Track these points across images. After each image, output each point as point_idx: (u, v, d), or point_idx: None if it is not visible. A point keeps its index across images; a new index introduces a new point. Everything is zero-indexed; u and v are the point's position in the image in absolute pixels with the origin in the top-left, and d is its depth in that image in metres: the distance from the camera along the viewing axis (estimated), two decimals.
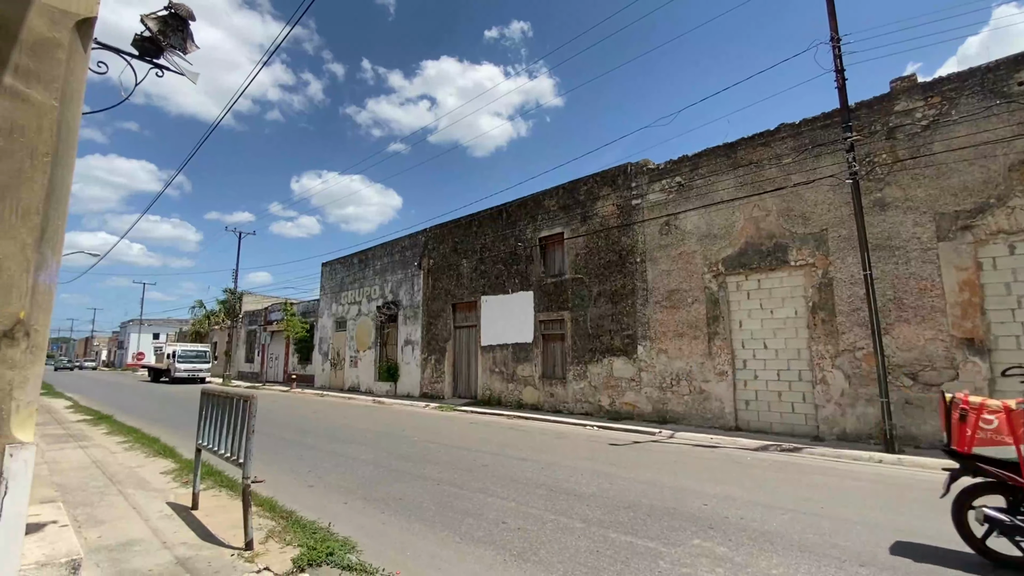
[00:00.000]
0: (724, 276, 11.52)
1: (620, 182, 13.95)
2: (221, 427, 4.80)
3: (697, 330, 11.79)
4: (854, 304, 9.65)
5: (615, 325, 13.47)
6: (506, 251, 17.05)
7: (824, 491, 6.09)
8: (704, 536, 4.49)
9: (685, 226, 12.33)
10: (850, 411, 9.53)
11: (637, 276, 13.13)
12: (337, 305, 25.88)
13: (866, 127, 9.84)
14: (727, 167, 11.74)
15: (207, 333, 43.40)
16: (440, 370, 18.87)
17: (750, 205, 11.23)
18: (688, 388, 11.78)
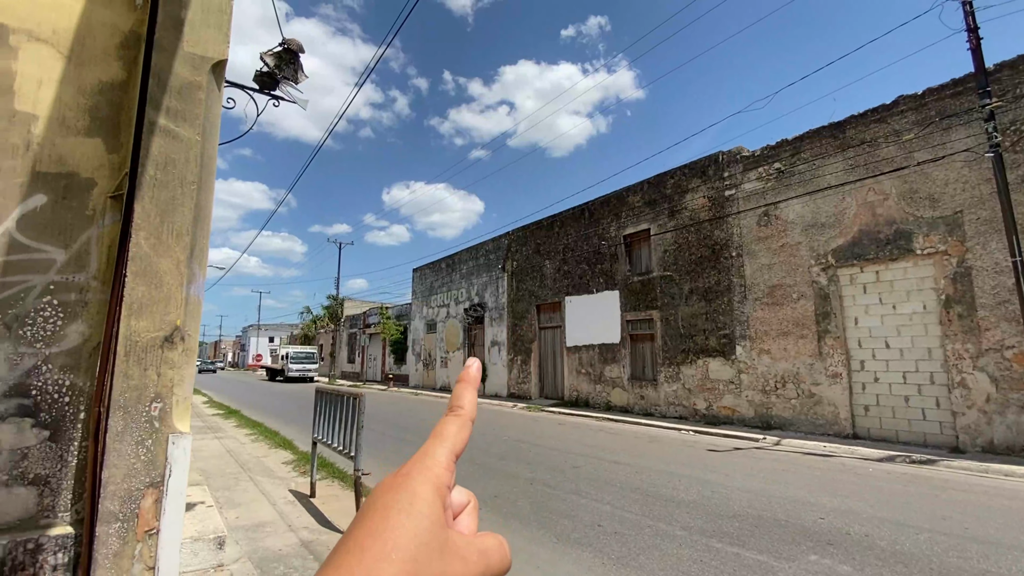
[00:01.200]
0: (835, 269, 10.50)
1: (711, 172, 13.23)
2: (334, 422, 5.22)
3: (804, 328, 10.86)
4: (1000, 296, 8.36)
5: (710, 324, 12.79)
6: (589, 250, 16.85)
7: (968, 510, 5.33)
8: (822, 552, 4.12)
9: (787, 216, 11.41)
10: (998, 419, 8.27)
11: (733, 271, 12.37)
12: (427, 308, 27.08)
13: (1009, 91, 8.50)
14: (834, 149, 10.70)
15: (314, 336, 47.41)
16: (526, 371, 19.06)
17: (864, 189, 10.14)
18: (795, 391, 10.88)
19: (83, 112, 2.82)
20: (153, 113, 2.84)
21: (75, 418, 2.65)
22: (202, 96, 3.09)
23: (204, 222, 3.16)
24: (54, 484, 2.58)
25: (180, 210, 2.90)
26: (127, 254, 2.68)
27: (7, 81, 2.64)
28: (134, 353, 2.65)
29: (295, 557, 3.95)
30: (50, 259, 2.66)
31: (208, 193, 3.20)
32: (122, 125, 2.92)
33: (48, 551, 2.47)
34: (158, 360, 2.74)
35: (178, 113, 3.00)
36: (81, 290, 2.73)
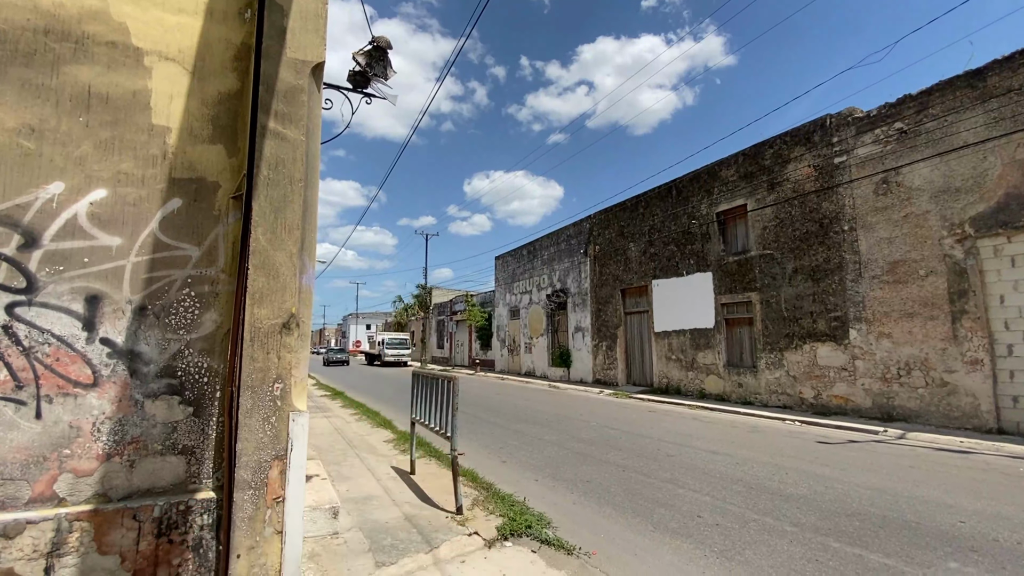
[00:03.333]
0: (974, 240, 9.11)
1: (817, 139, 11.99)
2: (430, 404, 5.45)
3: (935, 308, 9.57)
4: None
5: (817, 306, 11.69)
6: (678, 231, 16.05)
7: None
8: (964, 560, 3.64)
9: (912, 182, 10.06)
10: None
11: (845, 247, 11.18)
12: (510, 295, 27.45)
13: None
14: (972, 101, 9.22)
15: (406, 323, 50.05)
16: (612, 356, 18.72)
17: (1012, 145, 8.65)
18: (924, 380, 9.66)
19: (207, 122, 3.12)
20: (264, 117, 3.06)
21: (213, 396, 2.99)
22: (304, 98, 3.29)
23: (311, 217, 3.39)
24: (198, 454, 2.92)
25: (291, 206, 3.12)
26: (248, 248, 2.94)
27: (144, 99, 2.98)
28: (258, 338, 2.92)
29: (400, 530, 4.20)
30: (187, 255, 2.99)
31: (314, 190, 3.42)
32: (239, 131, 3.19)
33: (196, 512, 2.82)
34: (278, 344, 2.99)
35: (285, 116, 3.21)
36: (212, 282, 3.04)
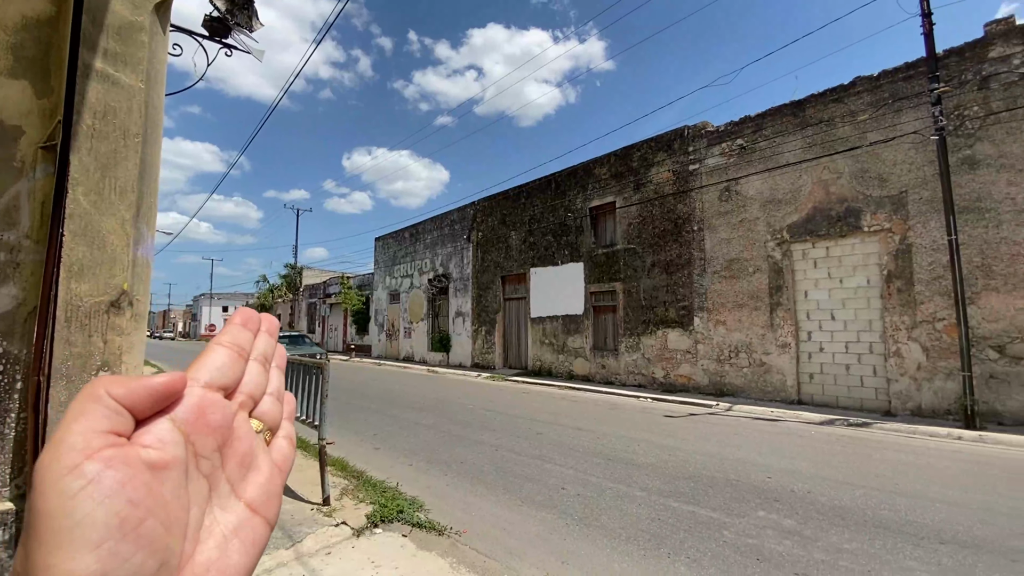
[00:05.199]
0: (789, 244, 10.93)
1: (676, 147, 13.37)
2: (297, 392, 5.10)
3: (758, 301, 11.33)
4: (935, 272, 8.94)
5: (670, 296, 13.14)
6: (555, 222, 16.87)
7: (898, 468, 5.80)
8: (769, 508, 4.40)
9: (747, 192, 11.72)
10: (927, 385, 8.96)
11: (694, 245, 12.69)
12: (390, 278, 26.64)
13: (955, 77, 8.89)
14: (794, 127, 10.98)
15: (271, 306, 45.99)
16: (491, 341, 19.18)
17: (819, 167, 10.50)
18: (748, 360, 11.42)
19: (5, 50, 2.53)
20: (88, 55, 2.57)
21: (10, 388, 2.47)
22: (145, 39, 2.82)
23: (151, 179, 2.94)
24: None
25: (124, 164, 2.67)
26: (63, 211, 2.47)
27: None
28: (76, 319, 2.47)
29: None
30: None
31: (155, 147, 2.96)
32: (52, 67, 2.64)
33: None
34: (104, 326, 2.56)
35: (118, 56, 2.73)
36: (12, 250, 2.50)
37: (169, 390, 0.29)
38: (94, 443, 0.25)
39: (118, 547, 0.24)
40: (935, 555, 3.51)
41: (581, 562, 3.47)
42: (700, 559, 3.48)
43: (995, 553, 3.54)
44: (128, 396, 0.27)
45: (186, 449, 0.29)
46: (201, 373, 0.32)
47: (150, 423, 0.28)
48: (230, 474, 0.32)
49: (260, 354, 0.36)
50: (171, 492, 0.27)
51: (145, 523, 0.25)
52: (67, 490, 0.24)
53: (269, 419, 0.36)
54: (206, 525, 0.30)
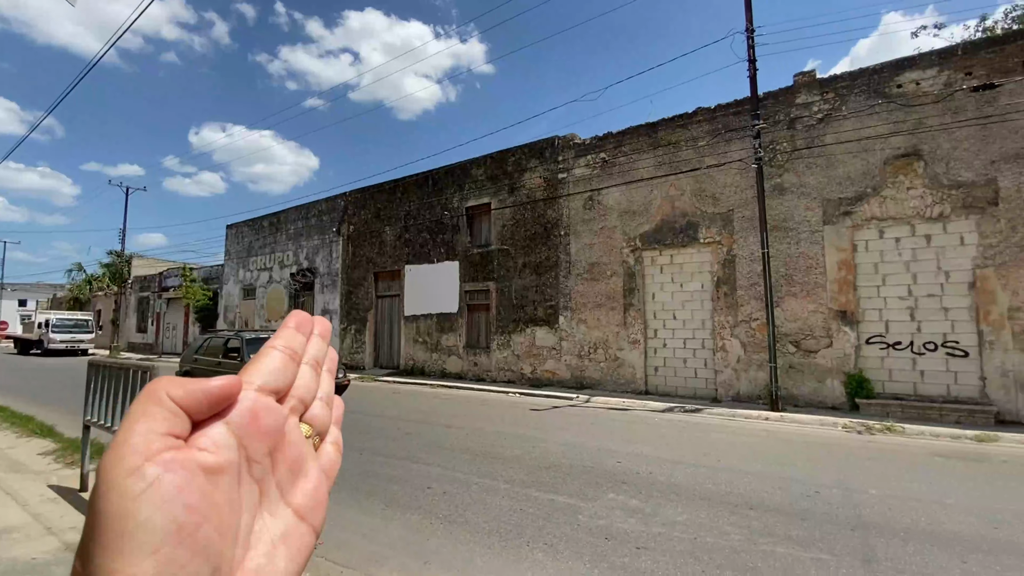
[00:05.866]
0: (641, 251, 12.15)
1: (547, 155, 14.07)
2: (115, 401, 4.36)
3: (614, 301, 12.41)
4: (752, 279, 10.61)
5: (539, 296, 13.79)
6: (432, 219, 16.71)
7: (721, 447, 6.77)
8: (618, 491, 4.84)
9: (607, 202, 12.76)
10: (744, 375, 10.60)
11: (561, 249, 13.47)
12: (245, 271, 24.09)
13: (771, 116, 10.65)
14: (648, 146, 12.23)
15: (88, 300, 38.71)
16: (361, 340, 18.36)
17: (667, 184, 11.84)
18: (604, 356, 12.44)
19: None
20: None
21: None
22: None
23: None
24: None
25: None
26: None
27: None
28: None
29: (57, 564, 3.25)
30: None
31: None
32: None
33: None
34: None
35: None
36: None
37: (225, 393, 0.28)
38: (154, 445, 0.25)
39: (175, 553, 0.24)
40: (746, 519, 4.16)
41: (444, 560, 3.49)
42: (556, 544, 3.71)
43: (790, 515, 4.31)
44: (186, 398, 0.27)
45: (239, 453, 0.29)
46: (255, 377, 0.31)
47: (206, 426, 0.28)
48: (280, 479, 0.31)
49: (312, 358, 0.36)
50: (224, 497, 0.27)
51: (201, 529, 0.25)
52: (129, 492, 0.24)
53: (319, 424, 0.36)
54: (256, 531, 0.29)
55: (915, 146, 9.21)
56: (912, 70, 9.35)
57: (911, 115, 9.26)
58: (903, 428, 7.77)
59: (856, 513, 4.27)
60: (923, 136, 9.14)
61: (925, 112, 9.15)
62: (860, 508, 4.39)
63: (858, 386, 9.28)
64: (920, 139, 9.17)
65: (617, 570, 3.33)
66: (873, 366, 9.37)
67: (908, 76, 9.36)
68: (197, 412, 0.28)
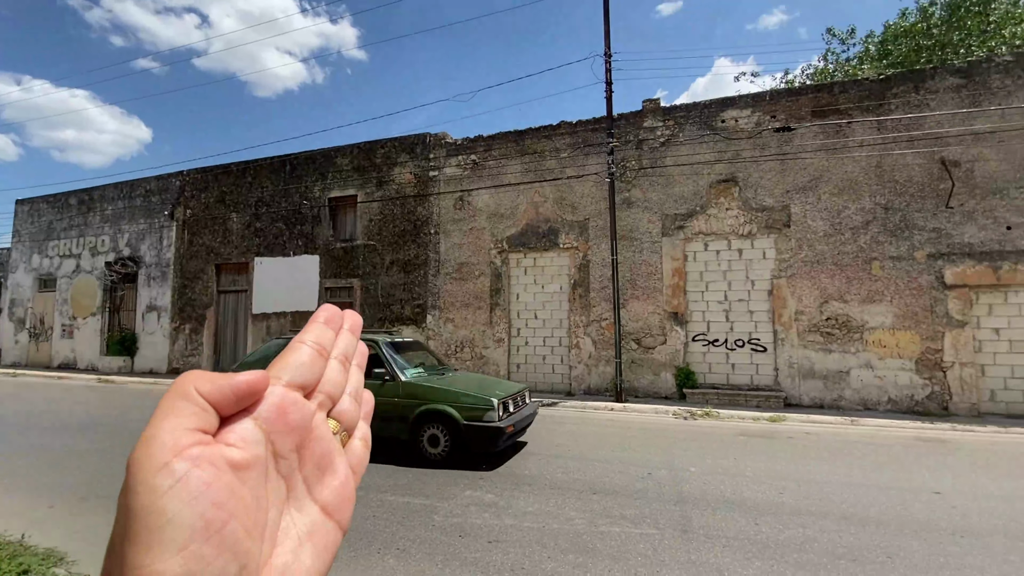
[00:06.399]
0: (507, 253, 12.55)
1: (419, 151, 13.83)
2: None
3: (481, 301, 12.64)
4: (603, 283, 11.60)
5: (406, 294, 13.49)
6: (289, 208, 15.36)
7: (573, 437, 7.27)
8: (475, 488, 4.93)
9: (477, 203, 12.96)
10: (594, 370, 11.54)
11: (430, 247, 13.34)
12: (42, 257, 19.74)
13: (623, 135, 11.75)
14: (516, 153, 12.69)
15: None
16: (197, 341, 16.17)
17: (532, 191, 12.40)
18: (470, 354, 12.61)
19: None
20: None
21: None
22: None
23: None
24: None
25: None
26: None
27: None
28: None
29: None
30: None
31: None
32: None
33: None
34: None
35: None
36: None
37: (253, 388, 0.28)
38: (183, 440, 0.25)
39: (202, 550, 0.24)
40: (589, 504, 4.51)
41: None
42: (408, 548, 3.64)
43: (627, 496, 4.77)
44: (214, 393, 0.27)
45: (266, 449, 0.28)
46: (283, 372, 0.31)
47: (233, 421, 0.28)
48: (307, 475, 0.31)
49: (341, 353, 0.35)
50: (252, 493, 0.27)
51: (228, 526, 0.25)
52: (158, 488, 0.24)
53: (346, 419, 0.35)
54: (283, 527, 0.29)
55: (733, 173, 10.88)
56: (733, 108, 11.03)
57: (731, 147, 10.92)
58: (719, 413, 9.12)
59: (679, 489, 4.89)
60: (739, 165, 10.84)
61: (741, 145, 10.85)
62: (682, 485, 5.04)
63: (685, 378, 10.67)
64: (736, 168, 10.86)
65: (468, 566, 3.38)
66: (697, 360, 10.85)
67: (729, 113, 11.02)
68: (224, 407, 0.27)
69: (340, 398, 0.35)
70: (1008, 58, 9.57)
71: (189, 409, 0.27)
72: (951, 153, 9.44)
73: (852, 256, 9.91)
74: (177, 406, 0.27)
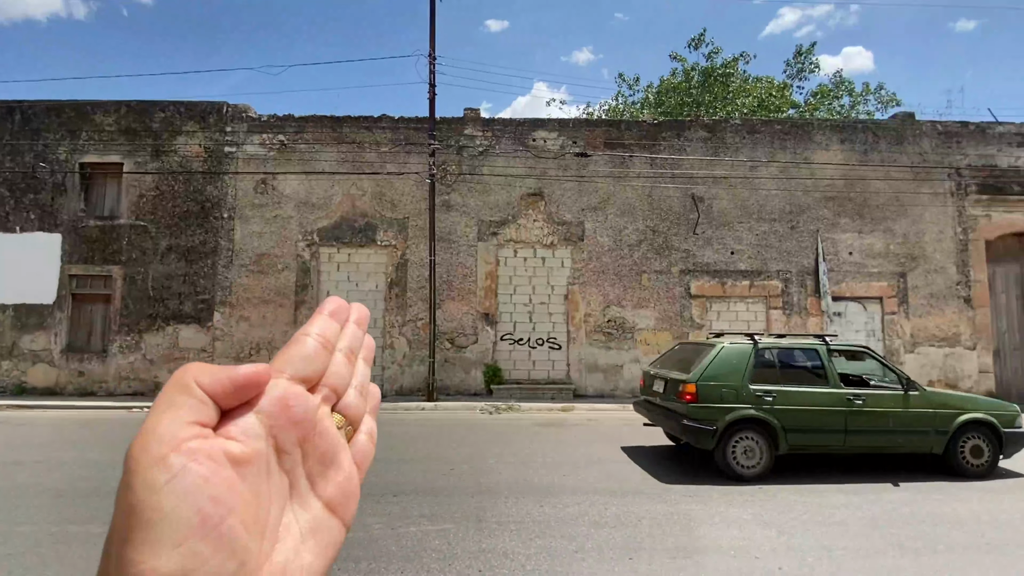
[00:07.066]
0: (318, 246, 11.69)
1: (212, 122, 11.97)
2: None
3: (284, 297, 11.52)
4: (420, 283, 11.63)
5: (188, 288, 11.53)
6: (17, 170, 11.81)
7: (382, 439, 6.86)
8: None
9: (284, 189, 11.78)
10: (408, 370, 11.49)
11: (222, 234, 11.64)
12: None
13: (445, 139, 11.96)
14: (333, 140, 11.91)
15: None
16: None
17: (349, 182, 11.79)
18: (269, 357, 11.32)
19: None
20: None
21: None
22: None
23: None
24: None
25: None
26: None
27: None
28: None
29: None
30: None
31: None
32: None
33: None
34: None
35: None
36: None
37: (254, 381, 0.28)
38: (181, 434, 0.25)
39: (199, 547, 0.23)
40: (388, 507, 4.47)
41: None
42: None
43: (427, 494, 4.84)
44: (214, 386, 0.26)
45: (268, 444, 0.28)
46: (286, 365, 0.30)
47: (234, 415, 0.27)
48: (310, 471, 0.30)
49: (346, 346, 0.35)
50: (252, 489, 0.26)
51: (226, 522, 0.24)
52: (154, 482, 0.23)
53: (351, 414, 0.34)
54: (284, 524, 0.28)
55: (540, 188, 11.95)
56: (543, 129, 12.12)
57: (539, 164, 11.98)
58: (520, 406, 9.91)
59: (478, 482, 5.17)
60: (546, 182, 11.95)
61: (548, 164, 11.99)
62: (481, 477, 5.33)
63: (493, 375, 11.34)
64: (544, 184, 11.95)
65: None
66: (504, 358, 11.62)
67: (540, 133, 12.08)
68: (224, 400, 0.27)
69: (345, 392, 0.34)
70: (737, 122, 12.49)
71: (188, 402, 0.25)
72: (698, 190, 11.91)
73: (628, 268, 11.76)
74: (176, 399, 0.25)
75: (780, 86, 22.34)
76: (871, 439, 5.67)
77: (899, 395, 5.71)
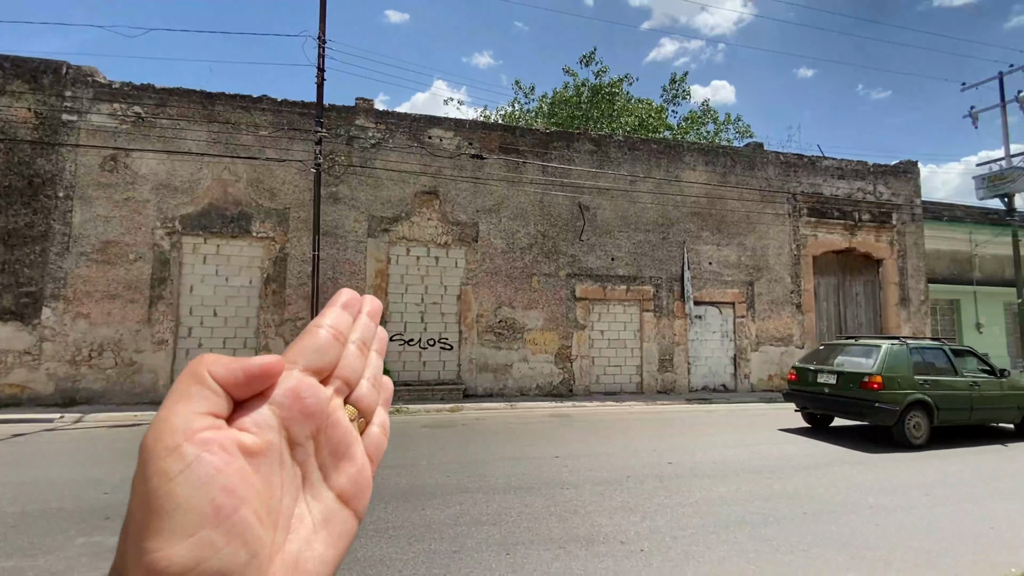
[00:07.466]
0: (180, 235, 10.42)
1: (46, 83, 10.11)
2: None
3: (137, 292, 10.10)
4: (301, 279, 10.90)
5: (8, 278, 9.61)
6: None
7: None
8: (95, 531, 3.88)
9: (139, 168, 10.32)
10: None
11: (56, 216, 9.89)
12: None
13: (334, 128, 11.34)
14: (202, 117, 10.70)
15: None
16: None
17: (221, 166, 10.68)
18: (114, 360, 9.89)
19: None
20: None
21: None
22: None
23: None
24: None
25: None
26: None
27: None
28: None
29: None
30: None
31: None
32: None
33: None
34: None
35: None
36: None
37: (267, 372, 0.28)
38: (194, 424, 0.25)
39: (211, 536, 0.23)
40: None
41: None
42: None
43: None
44: (228, 377, 0.27)
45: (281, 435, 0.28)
46: (298, 356, 0.30)
47: (247, 406, 0.27)
48: (323, 462, 0.31)
49: (359, 338, 0.35)
50: (264, 479, 0.27)
51: (239, 512, 0.25)
52: (168, 472, 0.24)
53: (364, 406, 0.34)
54: (297, 514, 0.29)
55: (435, 187, 11.83)
56: (439, 128, 12.01)
57: (435, 162, 11.86)
58: (408, 408, 9.71)
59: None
60: (441, 181, 11.86)
61: (443, 163, 11.91)
62: None
63: None
64: (439, 182, 11.86)
65: None
66: (393, 359, 11.31)
67: (436, 131, 11.96)
68: (238, 391, 0.27)
69: (358, 384, 0.34)
70: (620, 138, 13.44)
71: (201, 393, 0.26)
72: (585, 199, 12.62)
73: (520, 270, 12.10)
74: (190, 390, 0.26)
75: (658, 109, 24.49)
76: (984, 414, 7.77)
77: (997, 381, 7.78)
